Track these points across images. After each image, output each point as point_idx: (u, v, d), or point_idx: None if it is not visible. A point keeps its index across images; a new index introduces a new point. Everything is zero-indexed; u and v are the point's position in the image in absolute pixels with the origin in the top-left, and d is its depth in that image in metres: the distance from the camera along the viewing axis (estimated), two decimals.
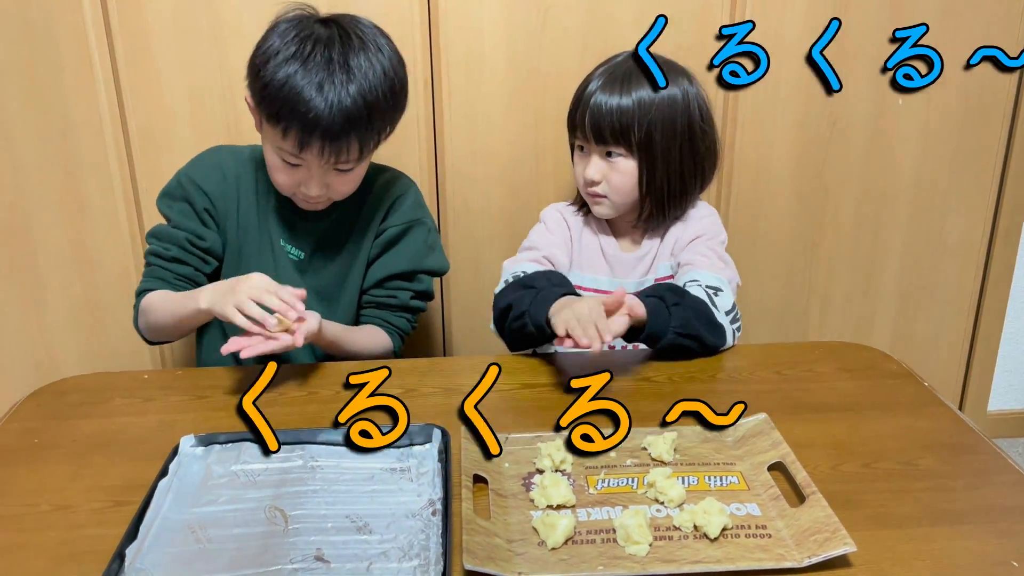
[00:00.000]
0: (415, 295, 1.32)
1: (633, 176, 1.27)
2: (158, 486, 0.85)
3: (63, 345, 1.66)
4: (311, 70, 1.11)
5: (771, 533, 0.79)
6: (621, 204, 1.31)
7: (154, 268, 1.24)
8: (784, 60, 1.58)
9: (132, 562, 0.75)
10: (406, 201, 1.32)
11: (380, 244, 1.30)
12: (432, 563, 0.75)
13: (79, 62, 1.48)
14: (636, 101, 1.24)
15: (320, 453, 0.92)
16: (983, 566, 0.75)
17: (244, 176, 1.28)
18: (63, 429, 1.01)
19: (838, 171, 1.67)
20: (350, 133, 1.13)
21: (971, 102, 1.65)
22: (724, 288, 1.22)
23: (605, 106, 1.24)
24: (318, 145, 1.13)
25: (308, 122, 1.11)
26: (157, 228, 1.27)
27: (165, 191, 1.28)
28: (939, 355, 1.86)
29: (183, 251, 1.24)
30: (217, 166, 1.28)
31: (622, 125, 1.24)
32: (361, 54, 1.14)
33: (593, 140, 1.26)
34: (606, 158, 1.27)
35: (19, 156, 1.52)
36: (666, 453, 0.91)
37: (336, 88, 1.11)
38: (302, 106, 1.10)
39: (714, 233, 1.34)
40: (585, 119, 1.25)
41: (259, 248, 1.28)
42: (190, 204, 1.25)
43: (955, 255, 1.77)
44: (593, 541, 0.78)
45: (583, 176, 1.30)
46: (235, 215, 1.28)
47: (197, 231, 1.25)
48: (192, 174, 1.27)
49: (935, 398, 1.05)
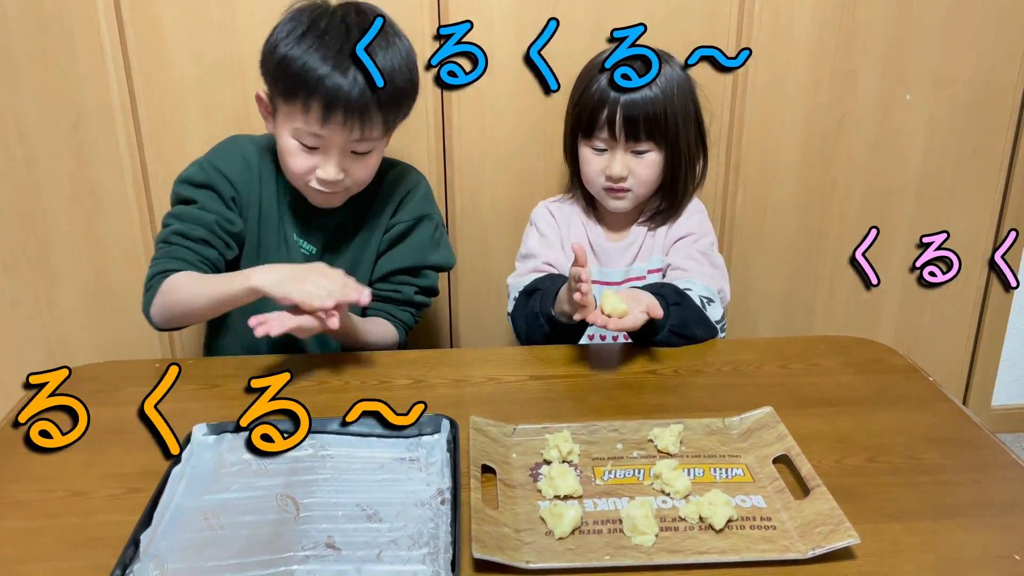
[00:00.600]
0: (419, 290, 1.33)
1: (659, 168, 1.30)
2: (171, 473, 0.86)
3: (74, 333, 1.67)
4: (329, 42, 1.12)
5: (776, 525, 0.80)
6: (643, 195, 1.34)
7: (175, 248, 1.20)
8: (792, 54, 1.58)
9: (146, 548, 0.76)
10: (415, 196, 1.32)
11: (388, 239, 1.31)
12: (441, 551, 0.76)
13: (91, 52, 1.48)
14: (663, 91, 1.26)
15: (330, 442, 0.93)
16: (986, 560, 0.76)
17: (264, 167, 1.28)
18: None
19: (845, 165, 1.68)
20: (374, 106, 1.14)
21: (979, 97, 1.65)
22: (715, 300, 1.24)
23: (636, 101, 1.25)
24: (341, 116, 1.13)
25: (329, 93, 1.11)
26: (179, 210, 1.23)
27: (186, 177, 1.25)
28: (944, 350, 1.86)
29: (211, 233, 1.21)
30: (241, 155, 1.27)
31: (655, 118, 1.26)
32: (380, 34, 1.15)
33: (625, 138, 1.27)
34: (632, 154, 1.29)
35: (31, 145, 1.53)
36: (672, 445, 0.92)
37: (355, 57, 1.12)
38: (323, 77, 1.11)
39: (703, 233, 1.36)
40: (616, 118, 1.26)
41: (276, 241, 1.29)
42: (215, 191, 1.23)
43: (960, 249, 1.76)
44: (600, 531, 0.79)
45: (606, 173, 1.31)
46: (257, 206, 1.27)
47: (226, 215, 1.23)
48: (216, 162, 1.25)
49: (940, 393, 1.06)
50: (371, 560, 0.75)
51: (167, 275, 1.17)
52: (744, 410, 0.98)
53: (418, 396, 1.05)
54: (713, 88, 1.58)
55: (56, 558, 0.78)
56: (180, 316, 1.18)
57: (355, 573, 0.73)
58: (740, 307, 1.77)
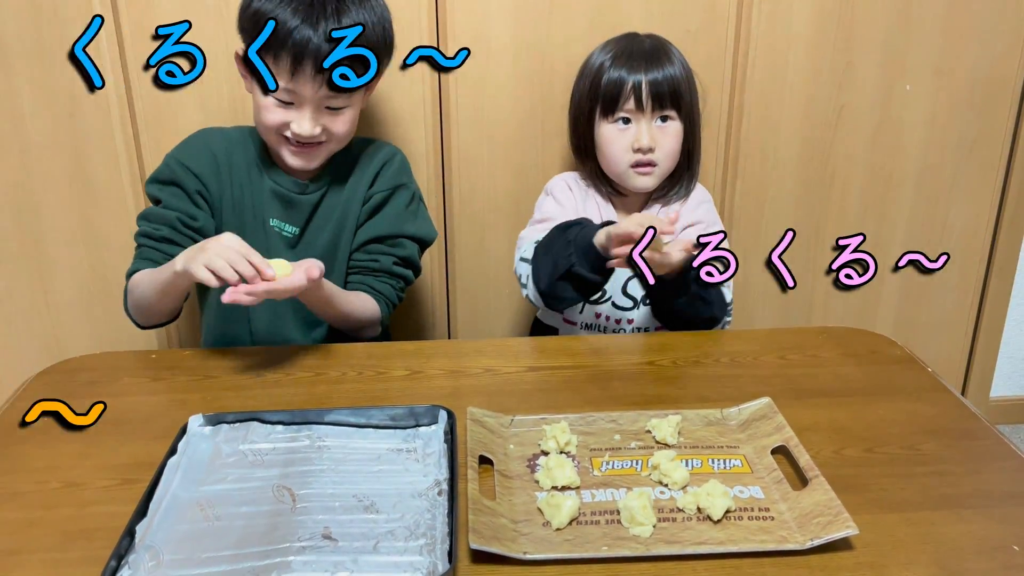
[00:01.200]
0: (397, 260, 1.32)
1: (680, 137, 1.35)
2: (167, 464, 0.86)
3: (70, 325, 1.67)
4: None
5: (774, 516, 0.80)
6: (667, 170, 1.37)
7: (144, 249, 1.23)
8: (791, 45, 1.58)
9: (142, 539, 0.76)
10: (391, 167, 1.33)
11: (367, 211, 1.31)
12: (438, 542, 0.75)
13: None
14: (680, 67, 1.33)
15: (327, 433, 0.92)
16: (984, 550, 0.76)
17: (235, 157, 1.29)
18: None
19: (844, 157, 1.67)
20: (343, 57, 1.14)
21: (979, 88, 1.64)
22: (727, 283, 1.28)
23: (660, 76, 1.31)
24: (311, 71, 1.14)
25: (298, 46, 1.12)
26: (147, 211, 1.26)
27: (154, 176, 1.28)
28: (942, 341, 1.86)
29: (174, 231, 1.23)
30: (206, 148, 1.28)
31: (678, 89, 1.32)
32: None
33: (652, 107, 1.31)
34: (657, 126, 1.33)
35: (26, 136, 1.53)
36: (670, 436, 0.92)
37: (327, 15, 1.13)
38: (292, 29, 1.12)
39: (711, 222, 1.39)
40: (642, 90, 1.30)
41: (253, 228, 1.29)
42: (180, 187, 1.25)
43: (960, 241, 1.77)
44: (597, 522, 0.79)
45: (635, 146, 1.32)
46: (229, 196, 1.28)
47: (189, 211, 1.24)
48: (181, 157, 1.27)
49: (938, 383, 1.06)
50: (368, 551, 0.74)
51: (132, 275, 1.21)
52: (742, 401, 0.97)
53: (415, 387, 1.05)
54: (712, 78, 1.58)
55: (51, 549, 0.77)
56: (146, 313, 1.22)
57: (352, 564, 0.73)
58: (738, 298, 1.76)
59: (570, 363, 1.12)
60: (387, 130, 1.56)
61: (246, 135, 1.32)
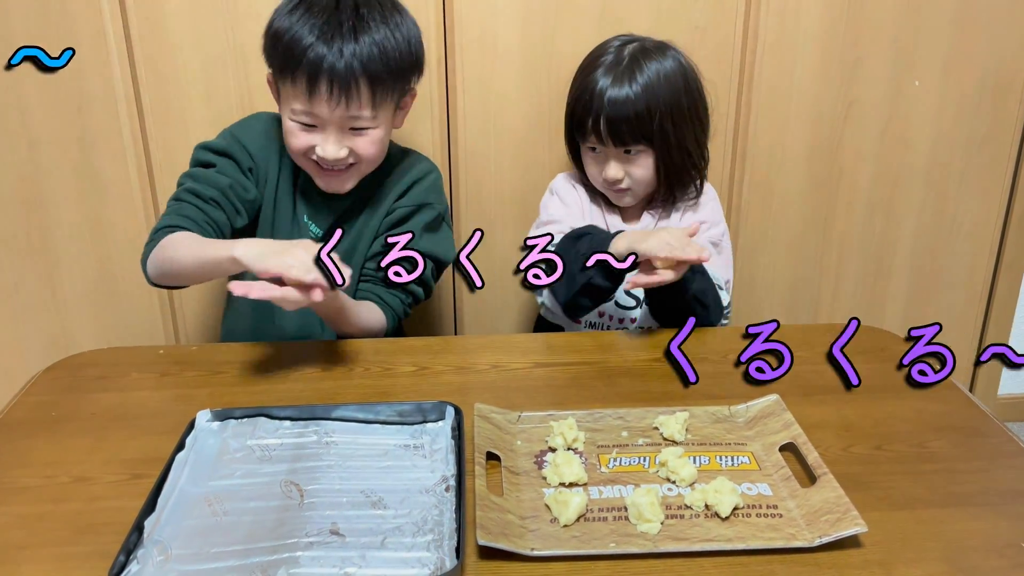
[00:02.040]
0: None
1: (652, 167, 1.30)
2: (175, 460, 0.86)
3: (78, 320, 1.67)
4: (316, 13, 1.12)
5: (782, 513, 0.79)
6: (643, 192, 1.35)
7: (185, 205, 1.19)
8: (800, 41, 1.57)
9: (150, 533, 0.76)
10: (422, 184, 1.31)
11: (388, 223, 1.30)
12: (446, 538, 0.75)
13: (94, 37, 1.48)
14: (644, 88, 1.24)
15: (335, 429, 0.92)
16: (993, 548, 0.76)
17: (283, 147, 1.28)
18: (80, 403, 1.02)
19: (853, 153, 1.67)
20: (362, 78, 1.13)
21: (988, 84, 1.64)
22: (723, 288, 1.28)
23: (618, 103, 1.24)
24: (326, 90, 1.12)
25: (312, 65, 1.11)
26: (196, 171, 1.23)
27: (208, 144, 1.25)
28: (950, 339, 1.85)
29: (223, 196, 1.21)
30: (264, 130, 1.28)
31: (638, 119, 1.25)
32: (375, 4, 1.15)
33: (612, 143, 1.28)
34: (624, 156, 1.30)
35: (34, 131, 1.53)
36: (678, 433, 0.91)
37: (343, 32, 1.11)
38: (307, 47, 1.11)
39: (715, 221, 1.38)
40: (600, 123, 1.26)
41: (289, 220, 1.29)
42: (234, 159, 1.24)
43: (969, 238, 1.76)
44: (605, 519, 0.79)
45: (602, 177, 1.32)
46: (275, 182, 1.28)
47: (242, 182, 1.23)
48: (238, 133, 1.26)
49: (947, 381, 1.05)
50: (375, 547, 0.74)
51: (170, 231, 1.15)
52: (750, 398, 0.97)
53: (422, 383, 1.05)
54: (720, 74, 1.57)
55: (60, 543, 0.77)
56: (169, 274, 1.15)
57: (359, 560, 0.73)
58: (746, 295, 1.76)
59: (577, 359, 1.12)
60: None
61: None
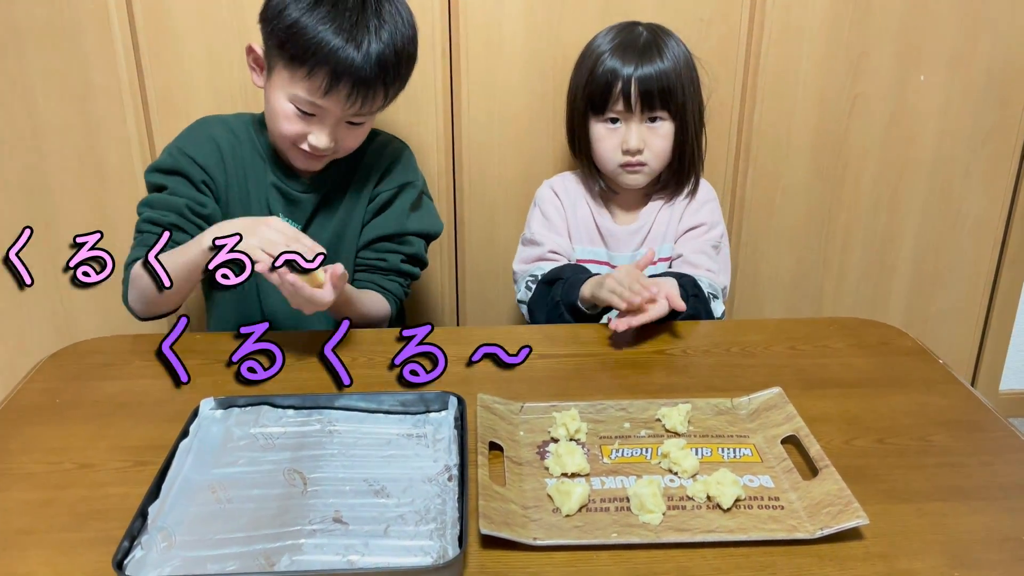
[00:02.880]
0: (405, 258, 1.32)
1: (671, 139, 1.32)
2: (179, 447, 0.86)
3: (82, 308, 1.68)
4: (343, 12, 1.10)
5: (784, 505, 0.80)
6: (657, 170, 1.34)
7: (147, 236, 1.18)
8: (805, 35, 1.56)
9: (154, 520, 0.76)
10: (398, 165, 1.32)
11: (372, 209, 1.30)
12: (448, 527, 0.76)
13: (98, 26, 1.47)
14: (672, 64, 1.29)
15: (338, 418, 0.93)
16: (994, 541, 0.76)
17: (238, 148, 1.27)
18: (84, 390, 1.02)
19: (857, 146, 1.66)
20: (380, 80, 1.13)
21: (993, 78, 1.63)
22: (719, 297, 1.29)
23: (650, 72, 1.27)
24: (346, 91, 1.12)
25: (339, 65, 1.10)
26: (150, 198, 1.22)
27: (156, 165, 1.24)
28: (953, 333, 1.86)
29: (182, 218, 1.20)
30: (210, 138, 1.26)
31: (669, 87, 1.28)
32: (390, 2, 1.14)
33: (641, 108, 1.28)
34: (647, 124, 1.30)
35: (39, 119, 1.53)
36: (680, 425, 0.91)
37: (370, 33, 1.10)
38: (336, 48, 1.09)
39: (713, 223, 1.37)
40: (631, 89, 1.27)
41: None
42: (185, 176, 1.22)
43: (972, 233, 1.76)
44: (607, 509, 0.79)
45: (622, 147, 1.31)
46: (236, 187, 1.26)
47: (197, 199, 1.22)
48: (185, 147, 1.24)
49: (949, 375, 1.05)
50: (378, 535, 0.75)
51: (135, 263, 1.15)
52: (753, 390, 0.97)
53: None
54: (724, 68, 1.57)
55: (64, 529, 0.78)
56: (153, 301, 1.16)
57: (362, 548, 0.73)
58: (749, 289, 1.76)
59: (580, 351, 1.12)
60: (398, 118, 1.56)
61: (248, 125, 1.29)
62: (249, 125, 1.30)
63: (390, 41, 1.13)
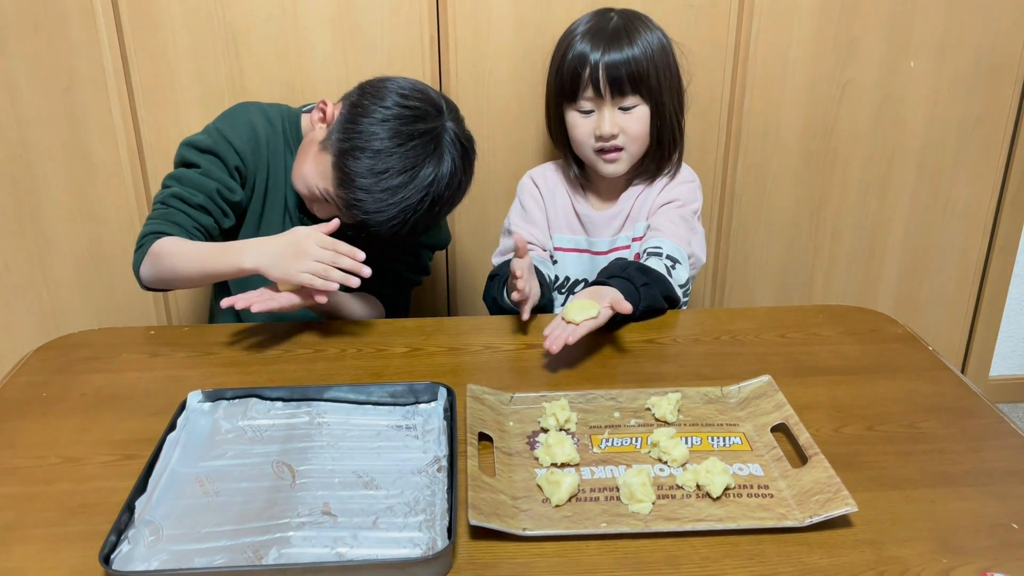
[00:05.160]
0: (410, 268, 1.33)
1: (647, 122, 1.29)
2: (166, 440, 0.86)
3: (68, 299, 1.66)
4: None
5: (773, 493, 0.80)
6: (636, 154, 1.32)
7: (173, 212, 1.18)
8: (795, 21, 1.56)
9: (141, 514, 0.76)
10: None
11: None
12: (438, 518, 0.76)
13: (83, 16, 1.46)
14: (643, 50, 1.26)
15: (327, 410, 0.92)
16: (983, 528, 0.76)
17: (273, 139, 1.26)
18: (71, 383, 1.01)
19: (847, 133, 1.66)
20: (406, 226, 1.16)
21: (982, 66, 1.63)
22: (683, 261, 1.23)
23: (618, 58, 1.25)
24: (365, 227, 1.14)
25: (369, 222, 1.13)
26: (181, 172, 1.21)
27: (192, 140, 1.23)
28: (943, 320, 1.86)
29: (210, 200, 1.19)
30: (250, 125, 1.25)
31: (639, 73, 1.25)
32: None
33: (611, 94, 1.26)
34: (620, 111, 1.28)
35: (23, 110, 1.51)
36: (669, 414, 0.91)
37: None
38: (379, 205, 1.12)
39: (689, 200, 1.35)
40: (599, 76, 1.25)
41: (280, 213, 1.27)
42: (220, 159, 1.22)
43: (962, 220, 1.76)
44: (597, 499, 0.79)
45: (597, 133, 1.29)
46: (264, 177, 1.26)
47: (228, 184, 1.21)
48: (224, 129, 1.23)
49: (939, 362, 1.06)
50: (367, 527, 0.74)
51: (159, 237, 1.15)
52: (742, 379, 0.97)
53: (415, 364, 1.05)
54: (713, 54, 1.56)
55: (51, 524, 0.77)
56: (168, 280, 1.16)
57: (351, 540, 0.73)
58: (738, 276, 1.76)
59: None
60: None
61: (284, 118, 1.28)
62: (286, 118, 1.28)
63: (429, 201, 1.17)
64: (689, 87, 1.37)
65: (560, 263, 1.39)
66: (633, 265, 1.18)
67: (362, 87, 1.18)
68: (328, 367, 1.05)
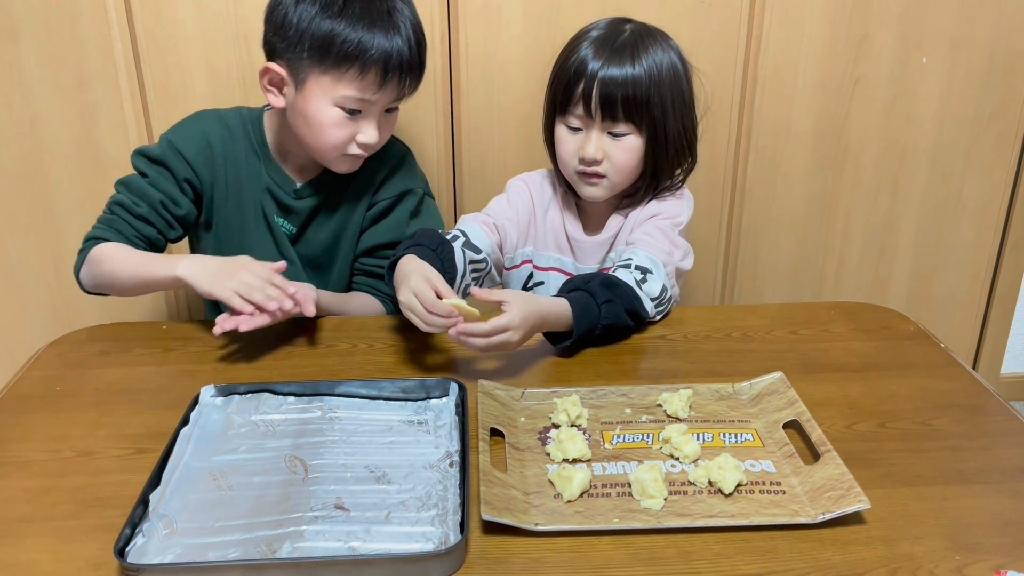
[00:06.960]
0: None
1: (638, 153, 1.18)
2: (179, 434, 0.86)
3: (81, 295, 1.66)
4: (368, 7, 1.12)
5: (785, 490, 0.80)
6: (619, 184, 1.21)
7: (115, 219, 1.19)
8: (807, 17, 1.55)
9: (156, 507, 0.76)
10: (398, 172, 1.29)
11: (371, 216, 1.29)
12: (450, 513, 0.76)
13: (95, 12, 1.46)
14: (647, 70, 1.14)
15: (339, 405, 0.93)
16: (995, 525, 0.76)
17: (231, 145, 1.25)
18: (84, 378, 1.02)
19: (859, 130, 1.65)
20: (419, 59, 1.17)
21: (996, 61, 1.62)
22: (655, 271, 1.12)
23: (616, 77, 1.14)
24: (396, 78, 1.14)
25: (388, 56, 1.12)
26: (129, 179, 1.22)
27: (145, 150, 1.23)
28: (954, 317, 1.85)
29: (153, 211, 1.19)
30: (202, 135, 1.24)
31: (636, 98, 1.14)
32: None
33: (601, 116, 1.16)
34: (609, 135, 1.18)
35: (36, 106, 1.52)
36: (681, 410, 0.91)
37: (398, 18, 1.13)
38: (381, 42, 1.11)
39: (673, 213, 1.23)
40: (592, 94, 1.14)
41: (255, 221, 1.27)
42: (169, 170, 1.21)
43: (974, 216, 1.75)
44: (608, 494, 0.79)
45: (579, 155, 1.19)
46: (223, 187, 1.25)
47: (174, 196, 1.21)
48: (176, 141, 1.23)
49: (951, 359, 1.05)
50: (380, 521, 0.75)
51: (99, 242, 1.16)
52: (754, 375, 0.97)
53: (426, 359, 1.05)
54: (726, 50, 1.56)
55: (65, 517, 0.78)
56: (106, 286, 1.17)
57: (364, 534, 0.73)
58: (749, 273, 1.76)
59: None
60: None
61: (245, 122, 1.27)
62: (247, 122, 1.27)
63: (412, 19, 1.16)
64: (704, 116, 1.27)
65: (546, 283, 1.31)
66: (598, 278, 1.09)
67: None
68: (340, 362, 1.05)
